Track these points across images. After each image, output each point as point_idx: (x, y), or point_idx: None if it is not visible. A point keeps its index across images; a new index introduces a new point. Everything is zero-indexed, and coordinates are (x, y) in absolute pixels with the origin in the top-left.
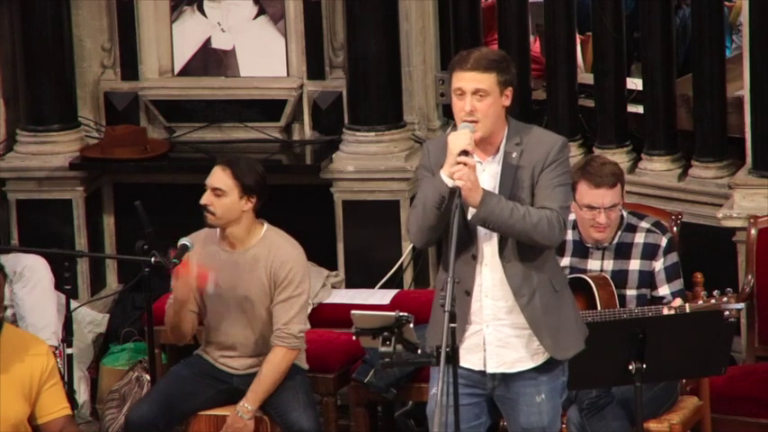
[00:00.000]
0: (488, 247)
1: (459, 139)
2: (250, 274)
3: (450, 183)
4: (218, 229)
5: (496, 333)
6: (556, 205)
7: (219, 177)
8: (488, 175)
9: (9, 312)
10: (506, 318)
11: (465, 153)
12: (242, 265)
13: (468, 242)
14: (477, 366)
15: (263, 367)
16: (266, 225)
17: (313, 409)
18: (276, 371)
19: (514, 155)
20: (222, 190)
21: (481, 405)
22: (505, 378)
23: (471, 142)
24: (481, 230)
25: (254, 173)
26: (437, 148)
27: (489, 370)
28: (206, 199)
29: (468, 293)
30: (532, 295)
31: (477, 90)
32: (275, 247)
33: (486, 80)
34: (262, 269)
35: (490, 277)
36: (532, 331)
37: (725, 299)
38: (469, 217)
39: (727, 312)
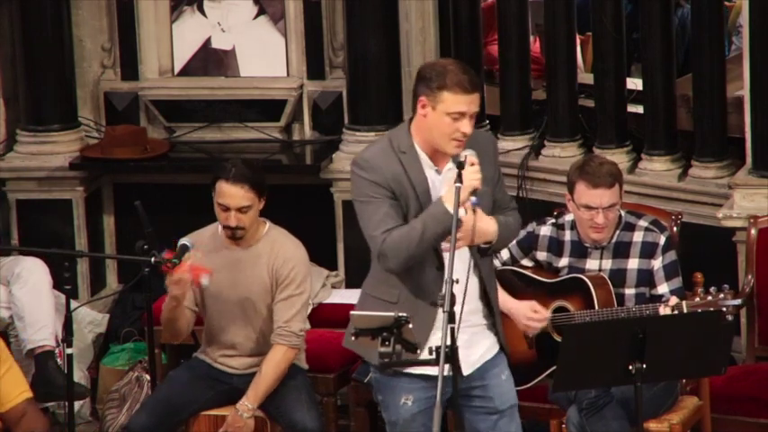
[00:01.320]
0: (456, 255)
1: (474, 176)
2: (252, 270)
3: (462, 213)
4: (220, 228)
5: (462, 335)
6: (514, 203)
7: (241, 196)
8: (449, 180)
9: (7, 314)
10: (470, 319)
11: (475, 191)
12: (244, 261)
13: (432, 254)
14: (445, 371)
15: (263, 366)
16: (269, 223)
17: (316, 408)
18: (276, 369)
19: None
20: (248, 206)
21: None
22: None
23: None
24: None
25: (259, 174)
26: (387, 163)
27: (464, 374)
28: (235, 220)
29: (435, 304)
30: (493, 293)
31: (475, 113)
32: (278, 245)
33: (479, 101)
34: (264, 266)
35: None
36: (496, 327)
37: (721, 295)
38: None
39: (724, 309)
